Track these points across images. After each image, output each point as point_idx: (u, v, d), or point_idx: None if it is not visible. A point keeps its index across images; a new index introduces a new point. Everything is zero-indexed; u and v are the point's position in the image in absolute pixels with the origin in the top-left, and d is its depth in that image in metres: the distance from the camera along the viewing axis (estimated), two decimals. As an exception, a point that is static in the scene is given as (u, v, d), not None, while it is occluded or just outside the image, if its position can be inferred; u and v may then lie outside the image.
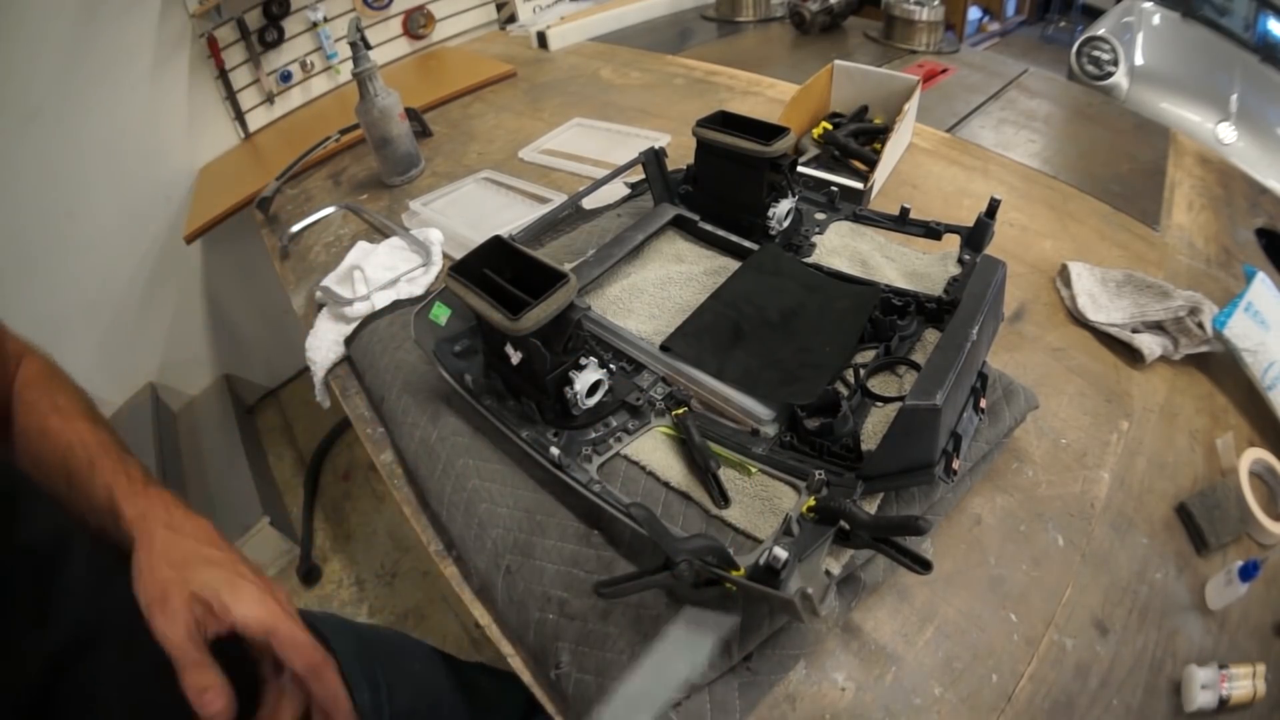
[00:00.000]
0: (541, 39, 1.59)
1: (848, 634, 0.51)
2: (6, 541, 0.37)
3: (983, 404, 0.57)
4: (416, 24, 1.63)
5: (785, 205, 0.72)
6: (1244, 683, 0.51)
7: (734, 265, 0.72)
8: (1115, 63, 2.24)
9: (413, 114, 1.16)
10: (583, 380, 0.56)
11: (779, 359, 0.60)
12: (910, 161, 1.06)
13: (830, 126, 1.08)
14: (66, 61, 1.24)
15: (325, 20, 1.47)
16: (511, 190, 1.03)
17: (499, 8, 1.77)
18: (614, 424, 0.59)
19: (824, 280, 0.68)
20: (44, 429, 0.48)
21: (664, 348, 0.63)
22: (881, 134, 1.06)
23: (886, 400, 0.57)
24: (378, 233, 0.98)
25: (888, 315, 0.63)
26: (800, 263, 0.70)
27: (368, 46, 0.99)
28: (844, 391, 0.57)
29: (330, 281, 0.86)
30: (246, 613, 0.40)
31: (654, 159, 0.81)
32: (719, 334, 0.63)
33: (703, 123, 0.73)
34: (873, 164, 0.97)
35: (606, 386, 0.59)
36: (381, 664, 0.55)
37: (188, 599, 0.39)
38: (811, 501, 0.48)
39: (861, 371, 0.58)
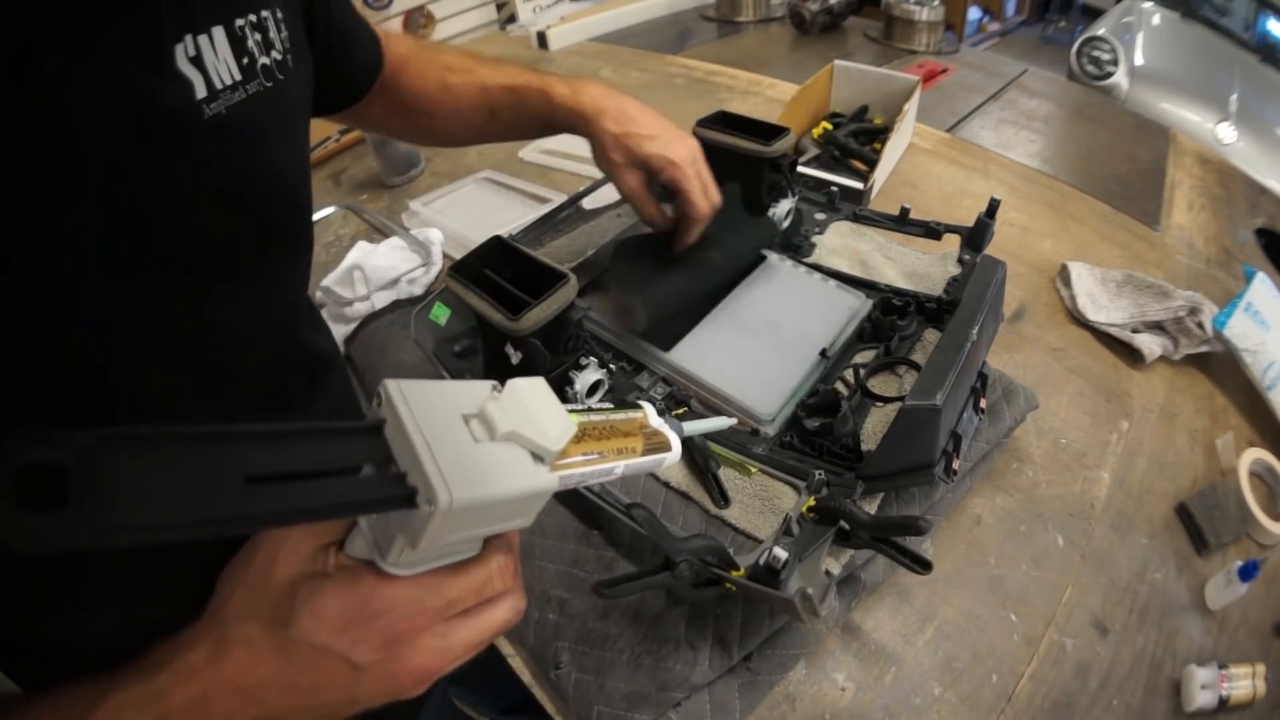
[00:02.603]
0: (541, 39, 1.59)
1: (848, 634, 0.51)
2: (303, 345, 0.44)
3: (983, 404, 0.57)
4: (416, 24, 1.62)
5: (785, 205, 0.72)
6: (1244, 683, 0.51)
7: None
8: (1115, 63, 2.24)
9: (413, 114, 1.16)
10: (583, 380, 0.56)
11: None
12: (910, 161, 1.06)
13: (830, 126, 1.08)
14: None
15: (325, 20, 1.47)
16: (511, 190, 1.03)
17: (499, 8, 1.77)
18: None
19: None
20: (445, 85, 0.59)
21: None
22: (881, 134, 1.06)
23: (886, 400, 0.57)
24: (378, 233, 0.97)
25: (888, 315, 0.62)
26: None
27: (368, 46, 0.99)
28: (844, 391, 0.57)
29: (330, 281, 0.86)
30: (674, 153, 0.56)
31: (654, 159, 0.81)
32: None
33: (703, 123, 0.73)
34: (873, 164, 0.97)
35: (606, 386, 0.59)
36: None
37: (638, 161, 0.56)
38: (811, 501, 0.48)
39: (861, 371, 0.58)
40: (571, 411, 0.28)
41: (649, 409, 0.32)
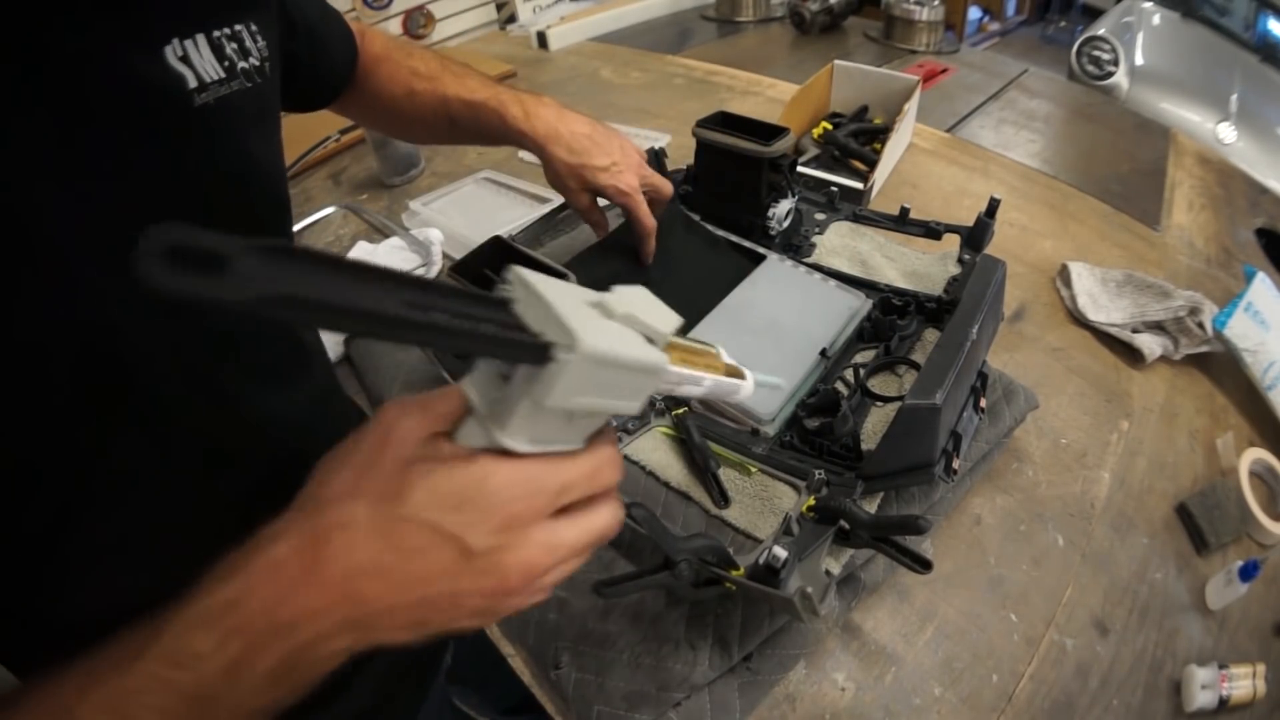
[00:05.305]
0: (541, 39, 1.59)
1: (848, 634, 0.51)
2: (289, 331, 0.45)
3: (983, 404, 0.57)
4: (416, 24, 1.62)
5: (785, 205, 0.72)
6: (1244, 683, 0.51)
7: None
8: (1115, 63, 2.24)
9: (413, 114, 1.16)
10: (583, 380, 0.56)
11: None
12: (910, 161, 1.06)
13: (830, 126, 1.08)
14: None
15: (325, 20, 1.47)
16: (511, 190, 1.03)
17: (499, 8, 1.77)
18: (614, 423, 0.59)
19: (722, 241, 0.73)
20: (411, 92, 0.62)
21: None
22: (881, 134, 1.06)
23: (886, 400, 0.57)
24: (378, 233, 0.97)
25: (888, 315, 0.63)
26: (702, 225, 0.75)
27: (368, 46, 0.99)
28: (844, 391, 0.57)
29: (330, 281, 0.86)
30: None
31: (654, 159, 0.81)
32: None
33: (703, 123, 0.73)
34: (873, 164, 0.97)
35: (606, 386, 0.59)
36: None
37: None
38: (811, 501, 0.48)
39: (861, 371, 0.58)
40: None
41: (720, 349, 0.34)
